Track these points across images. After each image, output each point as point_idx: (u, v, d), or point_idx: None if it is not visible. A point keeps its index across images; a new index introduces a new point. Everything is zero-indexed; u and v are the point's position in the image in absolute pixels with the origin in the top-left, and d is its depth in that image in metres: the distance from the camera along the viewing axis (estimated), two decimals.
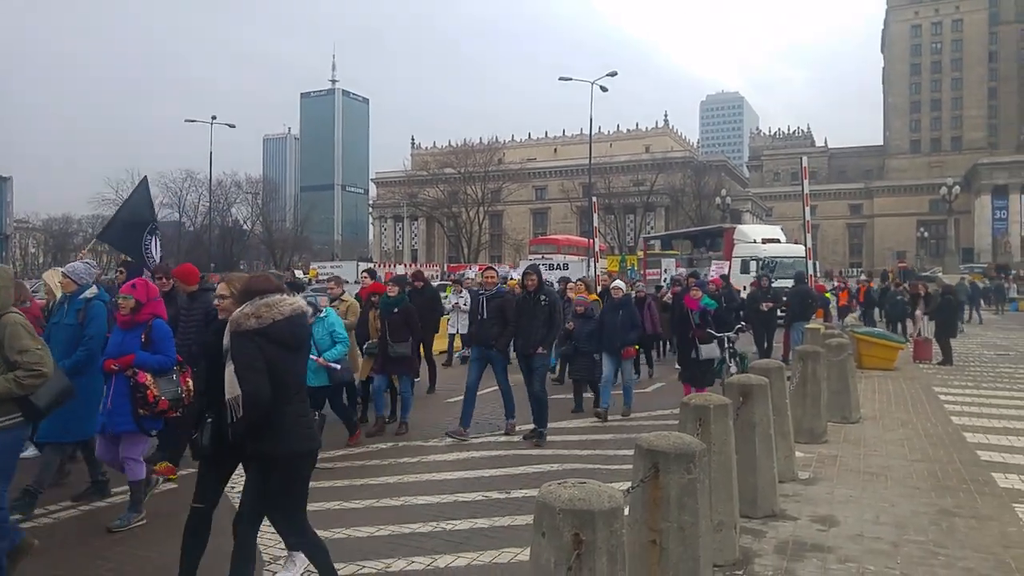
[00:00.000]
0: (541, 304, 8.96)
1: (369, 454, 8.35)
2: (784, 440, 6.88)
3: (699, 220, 70.44)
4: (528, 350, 8.94)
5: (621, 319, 10.36)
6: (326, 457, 7.98)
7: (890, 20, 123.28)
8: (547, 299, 9.06)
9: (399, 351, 9.12)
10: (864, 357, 14.87)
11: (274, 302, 4.01)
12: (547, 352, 9.18)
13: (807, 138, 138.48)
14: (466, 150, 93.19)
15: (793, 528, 5.67)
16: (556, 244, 56.91)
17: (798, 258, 23.80)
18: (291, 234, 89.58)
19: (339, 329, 8.40)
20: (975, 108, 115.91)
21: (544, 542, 2.92)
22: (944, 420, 9.99)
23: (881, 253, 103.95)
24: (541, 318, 8.94)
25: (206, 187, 69.90)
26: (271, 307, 3.98)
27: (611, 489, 3.05)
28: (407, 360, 9.29)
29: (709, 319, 10.20)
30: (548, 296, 9.16)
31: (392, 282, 9.97)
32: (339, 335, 8.33)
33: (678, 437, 4.17)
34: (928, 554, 5.16)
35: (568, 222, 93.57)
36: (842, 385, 10.05)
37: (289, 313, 4.02)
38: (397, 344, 9.12)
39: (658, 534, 3.95)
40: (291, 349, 4.06)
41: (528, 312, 8.98)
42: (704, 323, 10.14)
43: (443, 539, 5.55)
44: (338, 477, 7.21)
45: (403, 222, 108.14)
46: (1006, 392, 12.57)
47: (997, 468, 7.48)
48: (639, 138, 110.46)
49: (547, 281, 10.56)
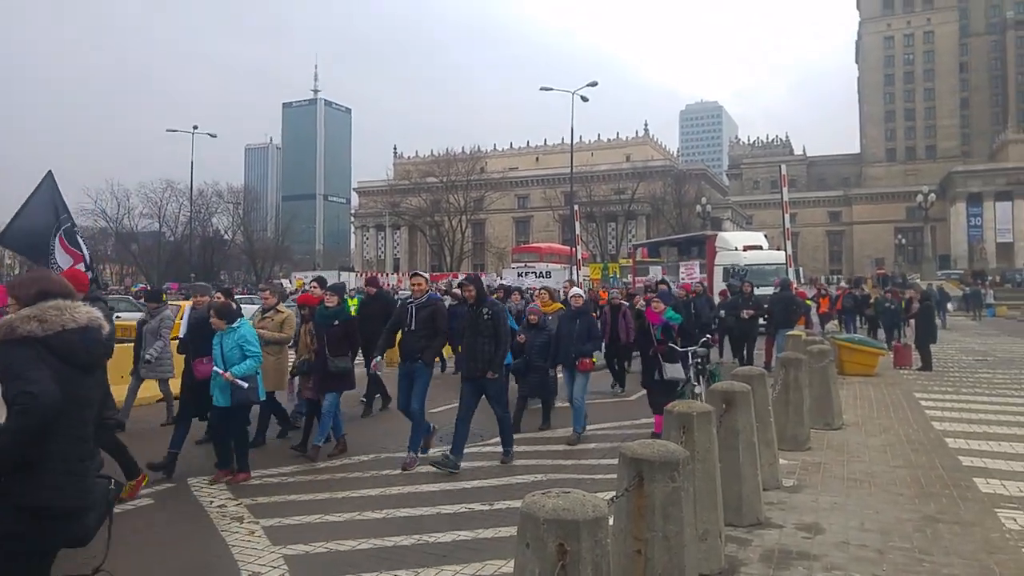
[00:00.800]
0: (484, 319, 7.92)
1: (350, 466, 8.26)
2: (768, 448, 6.86)
3: (680, 228, 70.74)
4: (474, 373, 7.94)
5: (578, 329, 9.53)
6: (310, 468, 7.94)
7: (863, 31, 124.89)
8: (490, 313, 7.98)
9: (340, 366, 8.52)
10: (846, 364, 14.94)
11: (65, 306, 3.19)
12: (499, 376, 8.03)
13: (786, 146, 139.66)
14: (448, 159, 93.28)
15: (778, 536, 5.64)
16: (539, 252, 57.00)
17: (779, 265, 23.79)
18: (272, 244, 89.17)
19: (252, 342, 7.57)
20: (948, 117, 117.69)
21: (529, 553, 2.89)
22: (926, 426, 10.03)
23: (860, 260, 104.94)
24: (486, 335, 7.92)
25: (187, 197, 69.72)
26: (61, 312, 3.16)
27: (595, 499, 3.02)
28: (348, 376, 8.71)
29: (674, 334, 9.14)
30: (492, 309, 8.05)
31: (330, 292, 9.18)
32: (251, 349, 7.49)
33: (662, 445, 4.15)
34: (913, 561, 5.15)
35: (550, 230, 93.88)
36: (824, 392, 10.07)
37: (85, 323, 3.20)
38: (338, 359, 8.51)
39: (643, 544, 3.92)
40: (81, 368, 3.17)
41: (471, 329, 8.00)
42: (667, 339, 9.10)
43: (426, 552, 5.48)
44: (319, 490, 7.12)
45: (385, 231, 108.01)
46: (986, 397, 12.65)
47: (979, 473, 7.51)
48: (620, 147, 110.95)
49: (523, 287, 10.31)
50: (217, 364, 7.36)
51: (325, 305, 8.90)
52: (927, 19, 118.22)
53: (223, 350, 7.38)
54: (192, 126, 53.61)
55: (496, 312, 8.03)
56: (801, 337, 13.73)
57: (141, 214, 79.60)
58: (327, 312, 8.78)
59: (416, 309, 8.12)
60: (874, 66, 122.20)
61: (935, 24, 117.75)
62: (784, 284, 16.35)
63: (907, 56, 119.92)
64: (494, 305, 8.20)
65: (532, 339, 10.19)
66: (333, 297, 8.92)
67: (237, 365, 7.31)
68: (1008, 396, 12.81)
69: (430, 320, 8.06)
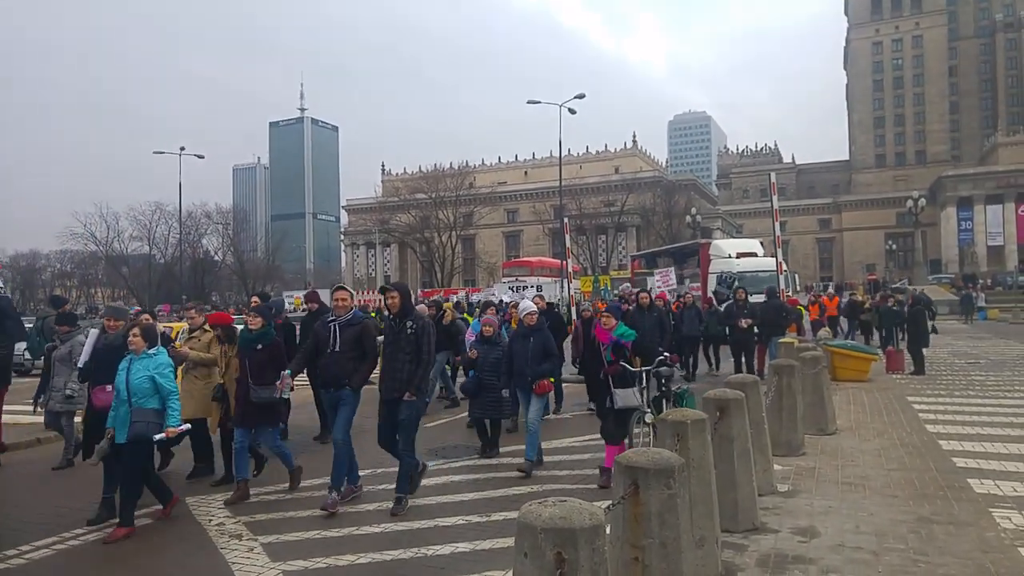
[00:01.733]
0: (407, 333, 7.03)
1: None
2: (762, 454, 6.90)
3: (670, 239, 70.95)
4: (391, 394, 7.03)
5: (533, 347, 8.62)
6: (307, 485, 7.93)
7: (851, 37, 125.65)
8: (414, 327, 7.05)
9: (263, 397, 7.51)
10: (838, 369, 15.00)
11: None
12: (417, 398, 7.07)
13: (775, 155, 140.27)
14: (437, 175, 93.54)
15: (774, 541, 5.68)
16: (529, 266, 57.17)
17: (773, 272, 23.69)
18: (263, 263, 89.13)
19: (167, 375, 6.65)
20: (937, 122, 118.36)
21: (527, 562, 2.91)
22: (919, 429, 10.08)
23: (851, 266, 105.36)
24: (407, 351, 7.01)
25: (176, 219, 69.74)
26: None
27: (592, 507, 3.05)
28: (273, 408, 7.69)
29: (626, 354, 7.84)
30: (416, 323, 7.10)
31: (254, 312, 8.14)
32: (165, 384, 6.57)
33: (657, 453, 4.19)
34: (909, 562, 5.19)
35: (540, 244, 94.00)
36: (817, 398, 10.13)
37: None
38: (261, 388, 7.52)
39: (640, 551, 3.95)
40: None
41: (393, 343, 7.12)
42: (619, 359, 7.82)
43: (425, 565, 5.49)
44: (316, 506, 7.12)
45: (375, 248, 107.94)
46: (978, 400, 12.72)
47: (973, 474, 7.57)
48: (608, 159, 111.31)
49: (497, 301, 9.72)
50: (120, 393, 6.57)
51: (247, 328, 7.93)
52: (915, 23, 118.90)
53: (129, 376, 6.54)
54: (179, 147, 53.63)
55: (421, 327, 7.11)
56: (793, 344, 13.80)
57: (131, 237, 79.90)
58: (250, 336, 7.82)
59: (340, 328, 7.25)
60: (863, 72, 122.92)
61: (923, 28, 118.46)
62: (771, 292, 16.34)
63: (896, 61, 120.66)
64: (419, 319, 7.23)
65: (485, 355, 9.42)
66: (257, 319, 7.89)
67: (171, 417, 6.53)
68: (1000, 398, 12.89)
69: (356, 341, 7.23)
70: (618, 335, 7.87)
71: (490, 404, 9.23)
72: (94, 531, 6.55)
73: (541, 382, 8.52)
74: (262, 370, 7.58)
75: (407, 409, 7.00)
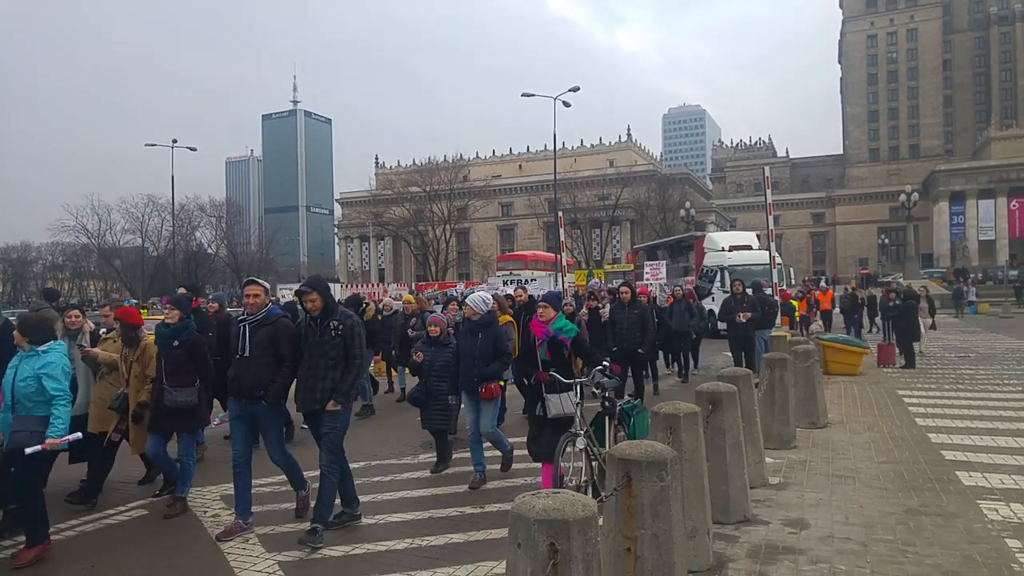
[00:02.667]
0: (331, 334, 6.12)
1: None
2: (754, 446, 6.97)
3: (664, 233, 70.93)
4: (312, 406, 6.14)
5: (481, 346, 7.57)
6: None
7: (846, 31, 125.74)
8: (341, 328, 6.14)
9: (179, 401, 6.75)
10: (830, 363, 15.09)
11: None
12: (342, 407, 6.15)
13: (769, 149, 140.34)
14: (431, 168, 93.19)
15: (765, 532, 5.74)
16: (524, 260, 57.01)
17: (766, 265, 23.54)
18: (256, 256, 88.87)
19: (57, 376, 5.74)
20: (931, 116, 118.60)
21: (520, 553, 2.94)
22: (909, 422, 10.17)
23: (844, 260, 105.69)
24: (331, 356, 6.12)
25: (169, 211, 69.49)
26: None
27: (585, 498, 3.09)
28: (191, 412, 6.87)
29: (564, 353, 6.62)
30: (343, 323, 6.18)
31: (170, 304, 7.27)
32: (54, 386, 5.69)
33: (649, 445, 4.22)
34: (897, 552, 5.26)
35: (535, 238, 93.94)
36: (809, 391, 10.20)
37: None
38: (177, 390, 6.75)
39: (633, 542, 3.99)
40: None
41: (314, 348, 6.15)
42: (556, 360, 6.56)
43: (419, 555, 5.54)
44: (310, 497, 7.15)
45: (369, 242, 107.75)
46: (967, 393, 12.82)
47: (961, 467, 7.65)
48: (603, 153, 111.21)
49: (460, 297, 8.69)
50: (6, 394, 5.80)
51: (163, 323, 7.04)
52: (910, 16, 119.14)
53: (15, 378, 5.73)
54: (171, 140, 53.39)
55: (348, 326, 6.18)
56: (786, 338, 13.89)
57: (123, 230, 79.49)
58: (165, 331, 6.93)
59: (250, 329, 6.25)
60: (857, 65, 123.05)
61: (918, 22, 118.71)
62: (756, 286, 16.04)
63: (890, 55, 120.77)
64: (346, 317, 6.25)
65: (432, 358, 8.29)
66: (173, 312, 7.01)
67: (53, 426, 5.61)
68: (989, 391, 12.98)
69: (270, 344, 6.22)
70: (556, 329, 6.60)
71: (437, 414, 8.21)
72: None
73: (487, 385, 7.54)
74: (179, 370, 6.80)
75: (331, 421, 6.08)
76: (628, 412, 6.96)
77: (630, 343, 11.81)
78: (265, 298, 6.44)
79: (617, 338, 11.91)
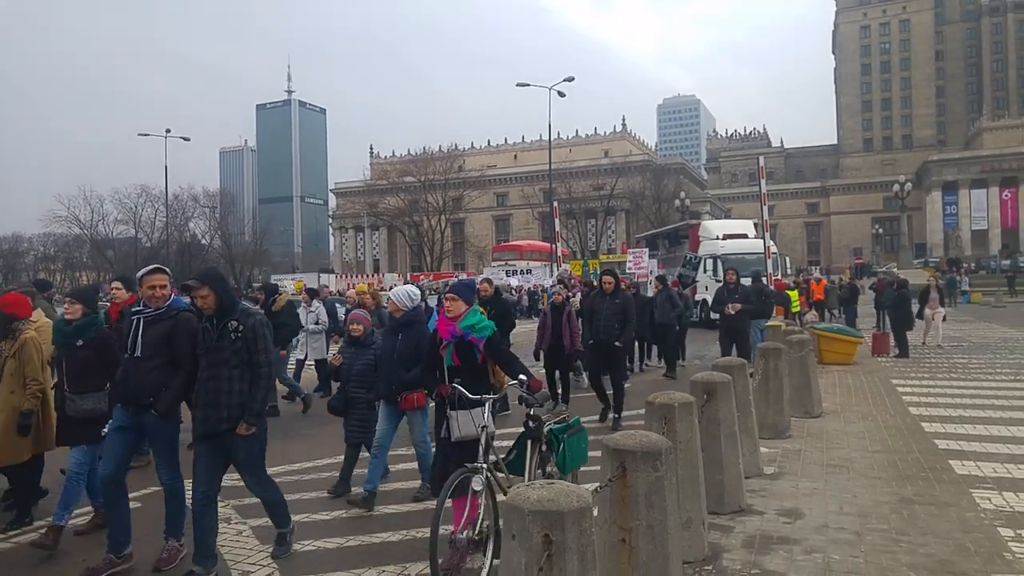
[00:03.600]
0: (231, 338, 5.00)
1: (335, 466, 8.27)
2: (748, 436, 6.98)
3: (659, 223, 70.92)
4: (217, 426, 4.99)
5: (400, 348, 6.56)
6: (295, 469, 7.94)
7: (840, 21, 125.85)
8: (241, 328, 5.02)
9: (86, 408, 5.71)
10: (824, 352, 15.13)
11: None
12: (255, 428, 5.04)
13: (763, 139, 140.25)
14: (426, 158, 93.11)
15: (760, 522, 5.75)
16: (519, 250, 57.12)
17: (760, 255, 23.47)
18: (250, 247, 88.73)
19: None
20: (924, 106, 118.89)
21: (515, 544, 2.93)
22: (903, 411, 10.20)
23: (838, 250, 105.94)
24: (233, 365, 4.99)
25: (162, 202, 69.31)
26: None
27: (580, 489, 3.08)
28: (98, 422, 5.64)
29: (477, 357, 5.26)
30: (244, 323, 5.05)
31: (71, 299, 6.03)
32: None
33: (644, 436, 4.22)
34: (891, 541, 5.28)
35: (530, 228, 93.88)
36: (804, 381, 10.22)
37: None
38: (83, 397, 5.72)
39: (627, 532, 3.99)
40: None
41: (211, 355, 5.03)
42: (467, 366, 5.22)
43: (413, 547, 5.53)
44: (305, 489, 7.15)
45: (364, 232, 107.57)
46: (960, 382, 12.86)
47: (954, 456, 7.68)
48: (598, 143, 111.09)
49: None
50: None
51: (63, 319, 5.98)
52: (903, 7, 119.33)
53: None
54: (165, 130, 53.19)
55: (250, 326, 5.05)
56: (780, 327, 13.89)
57: (116, 220, 79.33)
58: (67, 329, 5.88)
59: (144, 324, 5.28)
60: (851, 56, 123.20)
61: (911, 12, 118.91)
62: (756, 275, 15.92)
63: (883, 45, 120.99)
64: (248, 316, 5.12)
65: (351, 361, 7.11)
66: (75, 306, 5.89)
67: None
68: (982, 380, 13.03)
69: (165, 343, 5.25)
70: (465, 327, 5.21)
71: (354, 425, 7.00)
72: None
73: (407, 394, 6.61)
74: (84, 373, 5.77)
75: (246, 446, 5.08)
76: (558, 434, 5.30)
77: (607, 335, 9.93)
78: (169, 290, 5.43)
79: (594, 330, 10.14)
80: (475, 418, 4.97)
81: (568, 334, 10.73)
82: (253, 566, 5.28)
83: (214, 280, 5.07)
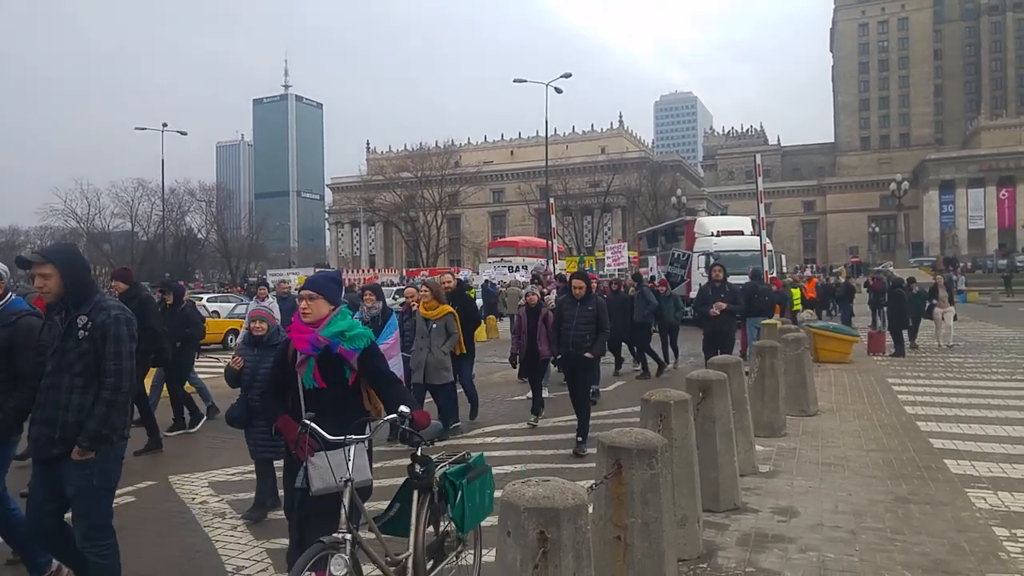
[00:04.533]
0: (76, 336, 3.89)
1: None
2: (744, 434, 6.97)
3: (655, 220, 70.90)
4: (48, 450, 3.90)
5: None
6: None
7: (838, 19, 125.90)
8: (89, 324, 3.89)
9: None
10: (820, 351, 15.13)
11: None
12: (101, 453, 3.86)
13: (760, 136, 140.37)
14: (422, 154, 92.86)
15: (755, 520, 5.75)
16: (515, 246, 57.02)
17: (755, 252, 23.09)
18: (246, 242, 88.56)
19: None
20: (922, 105, 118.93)
21: (510, 541, 2.93)
22: (898, 410, 10.21)
23: (834, 249, 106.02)
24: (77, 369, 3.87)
25: (158, 196, 69.10)
26: None
27: (575, 486, 3.07)
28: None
29: (347, 378, 3.89)
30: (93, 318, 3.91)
31: None
32: None
33: (640, 433, 4.21)
34: (885, 540, 5.28)
35: (526, 224, 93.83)
36: (799, 379, 10.22)
37: None
38: None
39: (623, 530, 3.98)
40: None
41: (57, 357, 3.93)
42: (332, 390, 3.86)
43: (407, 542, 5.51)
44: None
45: (360, 227, 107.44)
46: (956, 382, 12.89)
47: (949, 455, 7.68)
48: (594, 139, 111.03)
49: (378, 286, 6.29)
50: None
51: None
52: (901, 5, 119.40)
53: None
54: (161, 124, 53.05)
55: (101, 324, 3.88)
56: (776, 326, 13.88)
57: (112, 214, 79.04)
58: None
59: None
60: (849, 54, 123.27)
61: (909, 11, 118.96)
62: (755, 273, 15.86)
63: (881, 43, 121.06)
64: (100, 310, 3.93)
65: (254, 365, 6.15)
66: None
67: None
68: (978, 380, 13.06)
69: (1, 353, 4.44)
70: (331, 336, 3.82)
71: (260, 438, 5.95)
72: None
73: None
74: None
75: (80, 478, 3.83)
76: (454, 480, 3.90)
77: (577, 347, 8.59)
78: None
79: (562, 341, 8.78)
80: (323, 472, 3.54)
81: (544, 338, 9.59)
82: (248, 561, 5.25)
83: (62, 257, 3.93)
